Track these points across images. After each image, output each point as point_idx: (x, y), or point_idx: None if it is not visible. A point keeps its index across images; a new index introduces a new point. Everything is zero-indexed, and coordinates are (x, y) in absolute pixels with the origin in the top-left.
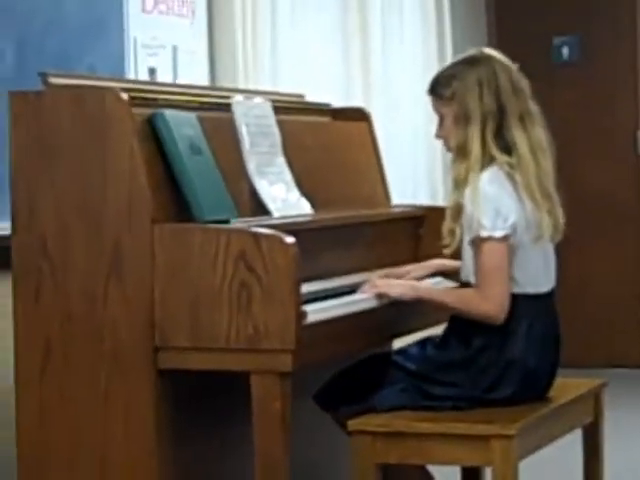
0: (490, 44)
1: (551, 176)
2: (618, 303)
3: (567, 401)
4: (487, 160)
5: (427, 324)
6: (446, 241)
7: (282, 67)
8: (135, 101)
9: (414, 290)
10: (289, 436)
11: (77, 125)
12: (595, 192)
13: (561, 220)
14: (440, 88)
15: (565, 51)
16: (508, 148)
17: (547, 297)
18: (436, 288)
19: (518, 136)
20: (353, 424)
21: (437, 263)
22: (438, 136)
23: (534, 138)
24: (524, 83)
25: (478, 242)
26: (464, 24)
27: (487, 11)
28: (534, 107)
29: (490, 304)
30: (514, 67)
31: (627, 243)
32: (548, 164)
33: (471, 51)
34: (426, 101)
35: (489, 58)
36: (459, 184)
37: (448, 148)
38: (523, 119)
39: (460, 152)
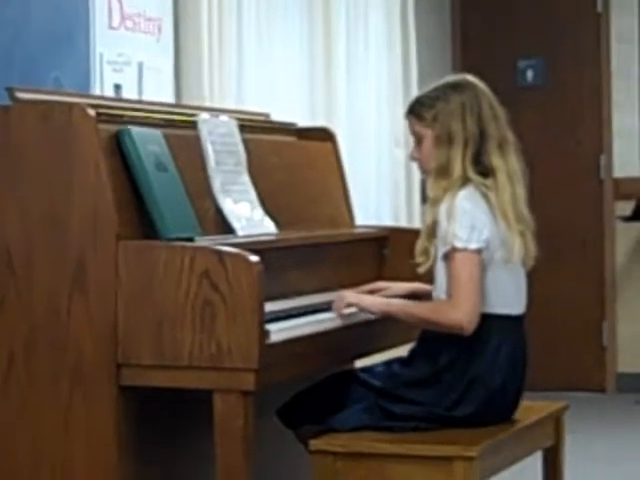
0: (455, 66)
1: (524, 203)
2: (579, 327)
3: (528, 424)
4: (464, 181)
5: (391, 344)
6: (419, 260)
7: (247, 86)
8: (101, 117)
9: (387, 306)
10: (251, 454)
11: (43, 140)
12: (557, 216)
13: (532, 246)
14: (422, 109)
15: (530, 74)
16: (485, 172)
17: (517, 320)
18: (405, 302)
19: (496, 161)
20: (315, 444)
21: (414, 286)
22: (413, 158)
23: (510, 165)
24: (502, 111)
25: (452, 253)
26: (429, 45)
27: (452, 33)
28: (511, 136)
29: (461, 313)
30: (492, 95)
31: (588, 267)
32: (522, 192)
33: (452, 77)
34: (390, 122)
35: (471, 84)
36: (436, 203)
37: (423, 170)
38: (501, 146)
39: (440, 173)
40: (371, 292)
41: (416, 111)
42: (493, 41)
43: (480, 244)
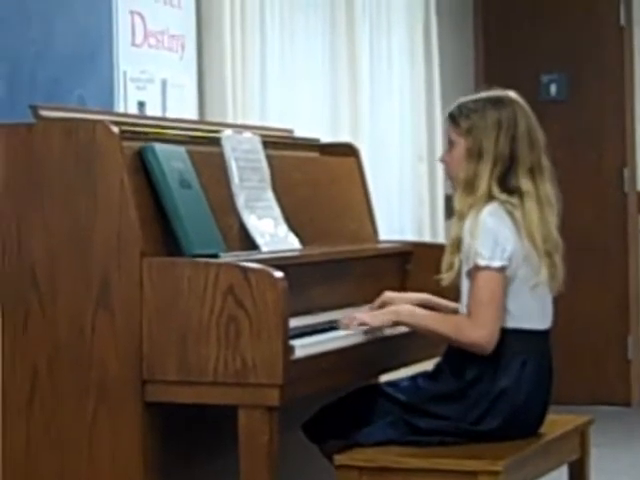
0: (478, 80)
1: (555, 228)
2: (604, 341)
3: (554, 437)
4: (488, 199)
5: (416, 359)
6: (444, 275)
7: (271, 102)
8: (125, 134)
9: (397, 315)
10: (276, 470)
11: (67, 157)
12: (581, 229)
13: (561, 269)
14: (460, 117)
15: (553, 88)
16: (511, 193)
17: (543, 334)
18: (420, 312)
19: (525, 186)
20: (340, 459)
21: (425, 297)
22: (443, 160)
23: (542, 192)
24: (540, 135)
25: (475, 271)
26: (452, 61)
27: (475, 48)
28: (546, 162)
29: (481, 332)
30: (534, 118)
31: (612, 280)
32: (553, 219)
33: (498, 91)
34: (413, 137)
35: (513, 102)
36: (462, 217)
37: (449, 176)
38: (533, 171)
39: (467, 187)
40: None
41: (454, 117)
42: (516, 56)
43: (503, 262)
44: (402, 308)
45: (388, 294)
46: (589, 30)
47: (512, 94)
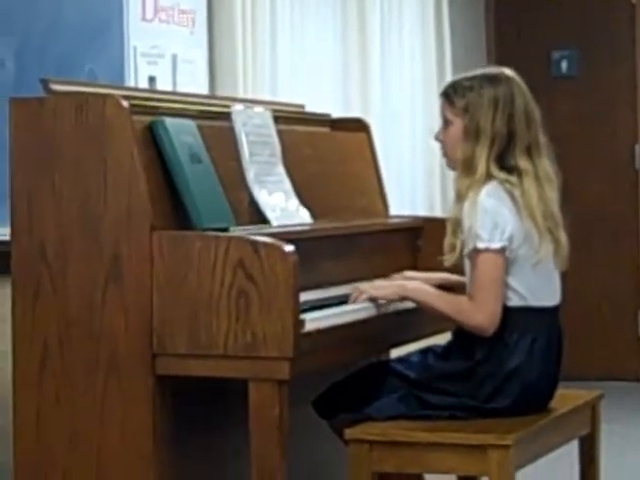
0: (489, 56)
1: (556, 204)
2: (615, 316)
3: (564, 412)
4: (487, 179)
5: (427, 334)
6: (447, 256)
7: (281, 77)
8: (135, 109)
9: (401, 289)
10: (285, 443)
11: (77, 132)
12: (592, 206)
13: (565, 247)
14: (455, 95)
15: (564, 65)
16: (510, 171)
17: (552, 311)
18: (426, 290)
19: (523, 164)
20: (350, 433)
21: (445, 277)
22: (438, 139)
23: (540, 169)
24: (537, 112)
25: (474, 254)
26: (463, 36)
27: (486, 23)
28: (543, 138)
29: (483, 315)
30: (529, 95)
31: (623, 256)
32: (553, 195)
33: (493, 68)
34: (424, 112)
35: (509, 80)
36: (461, 198)
37: (444, 154)
38: (530, 149)
39: (465, 167)
40: None
41: (449, 96)
42: (527, 32)
43: (503, 242)
44: (409, 283)
45: (409, 273)
46: (600, 6)
47: (508, 71)
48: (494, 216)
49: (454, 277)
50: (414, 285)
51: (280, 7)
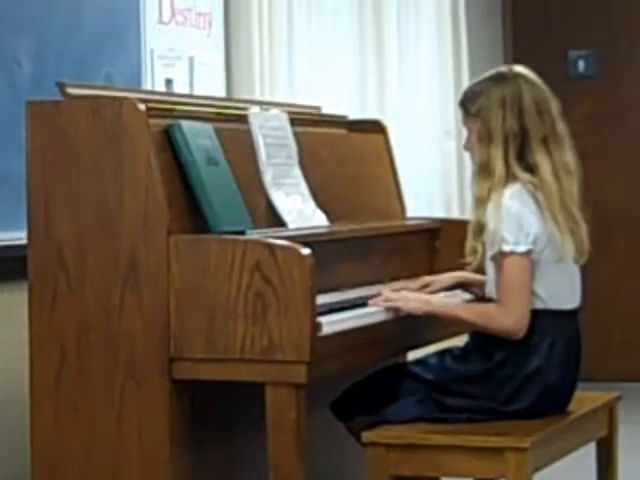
0: (506, 57)
1: (575, 198)
2: (634, 317)
3: (582, 414)
4: (510, 179)
5: (442, 337)
6: (469, 259)
7: (298, 79)
8: (152, 112)
9: (428, 305)
10: (303, 447)
11: (94, 135)
12: (609, 206)
13: (585, 242)
14: (467, 103)
15: (581, 65)
16: (531, 169)
17: (572, 314)
18: (452, 302)
19: (540, 159)
20: (368, 436)
21: (458, 275)
22: (465, 148)
23: (558, 160)
24: (553, 104)
25: (500, 257)
26: (480, 36)
27: (503, 24)
28: (562, 128)
29: (512, 319)
30: (544, 87)
31: None
32: (573, 187)
33: (501, 68)
34: (441, 113)
35: (517, 77)
36: (481, 202)
37: (473, 161)
38: (546, 141)
39: (483, 170)
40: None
41: (464, 104)
42: (544, 31)
43: (528, 245)
44: (434, 299)
45: (428, 278)
46: (618, 6)
47: (517, 67)
48: (519, 219)
49: (471, 275)
50: (438, 300)
51: (297, 9)
